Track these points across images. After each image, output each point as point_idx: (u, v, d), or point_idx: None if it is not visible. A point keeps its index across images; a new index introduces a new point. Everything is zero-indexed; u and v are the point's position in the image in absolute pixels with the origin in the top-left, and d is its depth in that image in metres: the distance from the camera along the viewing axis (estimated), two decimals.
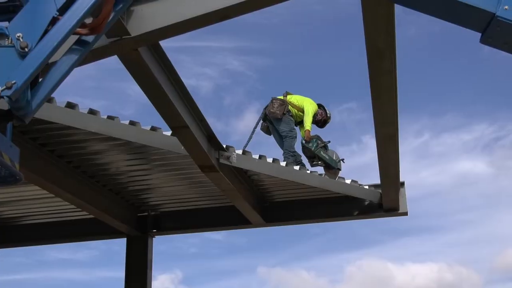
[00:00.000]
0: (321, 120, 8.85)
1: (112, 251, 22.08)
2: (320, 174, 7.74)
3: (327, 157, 8.35)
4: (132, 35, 3.57)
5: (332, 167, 8.35)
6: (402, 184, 7.71)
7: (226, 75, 25.68)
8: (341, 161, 8.46)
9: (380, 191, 7.48)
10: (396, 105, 4.89)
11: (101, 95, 23.93)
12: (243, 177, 7.05)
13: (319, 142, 8.39)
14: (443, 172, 25.31)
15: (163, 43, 4.17)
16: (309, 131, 8.44)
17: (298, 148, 8.48)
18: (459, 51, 23.87)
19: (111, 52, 3.74)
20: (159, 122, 5.21)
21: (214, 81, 25.31)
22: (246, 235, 30.38)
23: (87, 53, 2.89)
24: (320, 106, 8.85)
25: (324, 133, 8.82)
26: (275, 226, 8.43)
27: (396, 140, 5.59)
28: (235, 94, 25.46)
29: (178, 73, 4.58)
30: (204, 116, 5.41)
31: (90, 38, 2.86)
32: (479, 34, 3.10)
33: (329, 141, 8.49)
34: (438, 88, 24.15)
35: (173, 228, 8.44)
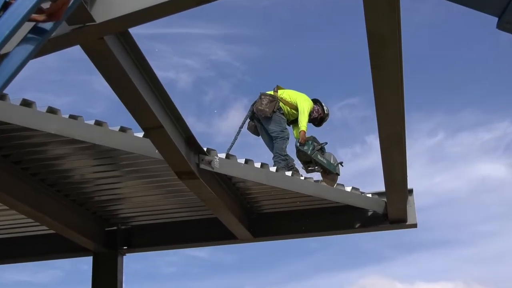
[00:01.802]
0: (317, 118, 8.86)
1: (79, 270, 22.03)
2: (316, 181, 7.75)
3: (325, 161, 8.36)
4: (97, 21, 3.56)
5: (330, 172, 8.37)
6: (410, 191, 7.73)
7: (210, 66, 25.66)
8: (340, 165, 8.48)
9: (385, 199, 7.50)
10: (403, 100, 4.90)
11: (66, 90, 23.89)
12: (227, 185, 7.05)
13: (315, 144, 8.40)
14: (460, 177, 25.46)
15: (135, 30, 4.16)
16: (304, 132, 8.44)
17: (290, 150, 8.50)
18: (477, 37, 23.97)
19: (73, 42, 3.72)
20: (131, 122, 5.20)
21: (196, 73, 25.28)
22: (233, 251, 30.44)
23: (45, 43, 2.88)
24: (316, 101, 8.86)
25: (322, 133, 8.86)
26: (265, 241, 8.44)
27: (403, 140, 5.60)
28: (219, 88, 25.41)
29: (152, 64, 4.59)
30: (182, 114, 5.41)
31: (48, 26, 2.85)
32: (495, 19, 3.13)
33: (326, 143, 8.52)
34: (454, 81, 24.23)
35: (146, 244, 8.43)
